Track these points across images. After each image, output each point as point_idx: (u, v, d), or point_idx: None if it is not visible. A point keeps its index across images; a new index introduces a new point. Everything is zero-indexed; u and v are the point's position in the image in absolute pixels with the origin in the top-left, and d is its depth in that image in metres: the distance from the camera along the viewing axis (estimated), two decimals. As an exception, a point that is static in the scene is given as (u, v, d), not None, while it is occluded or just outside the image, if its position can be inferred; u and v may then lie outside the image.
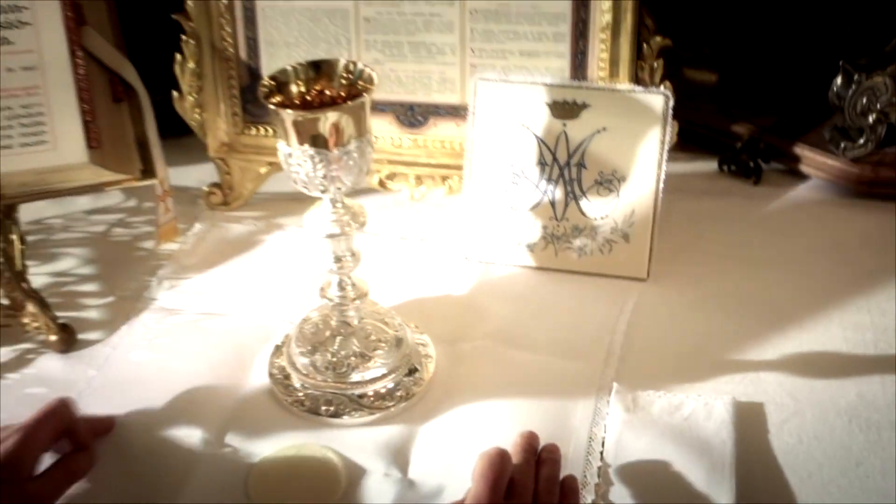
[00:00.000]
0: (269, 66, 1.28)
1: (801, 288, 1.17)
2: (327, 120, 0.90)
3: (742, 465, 0.93)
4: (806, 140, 1.33)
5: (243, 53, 1.29)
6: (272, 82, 0.95)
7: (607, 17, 1.18)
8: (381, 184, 1.32)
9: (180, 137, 1.37)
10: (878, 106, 1.24)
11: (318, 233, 1.00)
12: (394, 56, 1.25)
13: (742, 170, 1.36)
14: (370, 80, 0.94)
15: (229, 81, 1.31)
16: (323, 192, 0.96)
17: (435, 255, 1.26)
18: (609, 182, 1.18)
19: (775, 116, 1.37)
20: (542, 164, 1.19)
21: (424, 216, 1.33)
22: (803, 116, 1.36)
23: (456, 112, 1.26)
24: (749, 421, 0.99)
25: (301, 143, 0.92)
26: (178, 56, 1.29)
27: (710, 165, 1.40)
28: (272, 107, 0.91)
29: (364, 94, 0.93)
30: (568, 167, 1.19)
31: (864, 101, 1.24)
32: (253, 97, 1.31)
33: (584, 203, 1.20)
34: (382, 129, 1.29)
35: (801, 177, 1.36)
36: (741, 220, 1.30)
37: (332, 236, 1.00)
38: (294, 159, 0.94)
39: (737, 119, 1.39)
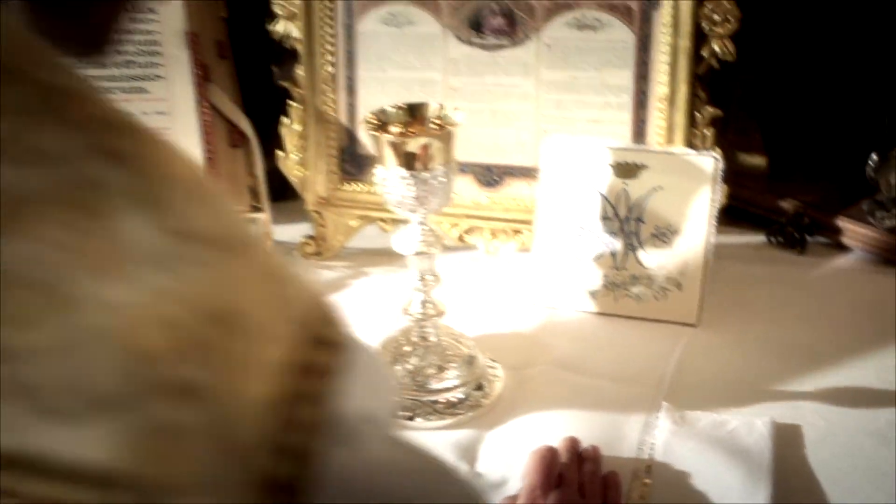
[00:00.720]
0: (365, 128, 1.45)
1: (839, 337, 1.28)
2: (419, 144, 1.06)
3: (779, 473, 1.03)
4: (846, 213, 1.46)
5: (343, 117, 1.47)
6: (374, 117, 1.11)
7: (664, 90, 1.34)
8: (461, 238, 1.47)
9: (276, 202, 1.54)
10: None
11: (405, 251, 1.15)
12: (476, 122, 1.41)
13: (788, 241, 1.49)
14: (455, 121, 1.10)
15: (329, 142, 1.48)
16: (412, 212, 1.11)
17: (506, 301, 1.39)
18: (664, 235, 1.32)
19: (819, 193, 1.51)
20: (604, 218, 1.34)
21: (498, 267, 1.47)
22: (845, 192, 1.49)
23: (528, 172, 1.42)
24: (787, 439, 1.10)
25: (397, 165, 1.08)
26: (285, 119, 1.47)
27: (759, 238, 1.53)
28: (374, 133, 1.08)
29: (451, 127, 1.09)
30: (628, 221, 1.33)
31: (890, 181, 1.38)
32: (350, 156, 1.48)
33: (641, 254, 1.33)
34: (463, 187, 1.45)
35: (843, 248, 1.48)
36: (786, 283, 1.42)
37: (418, 254, 1.14)
38: (390, 181, 1.09)
39: (783, 196, 1.52)
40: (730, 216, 1.49)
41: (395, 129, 1.11)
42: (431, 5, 1.41)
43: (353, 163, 1.48)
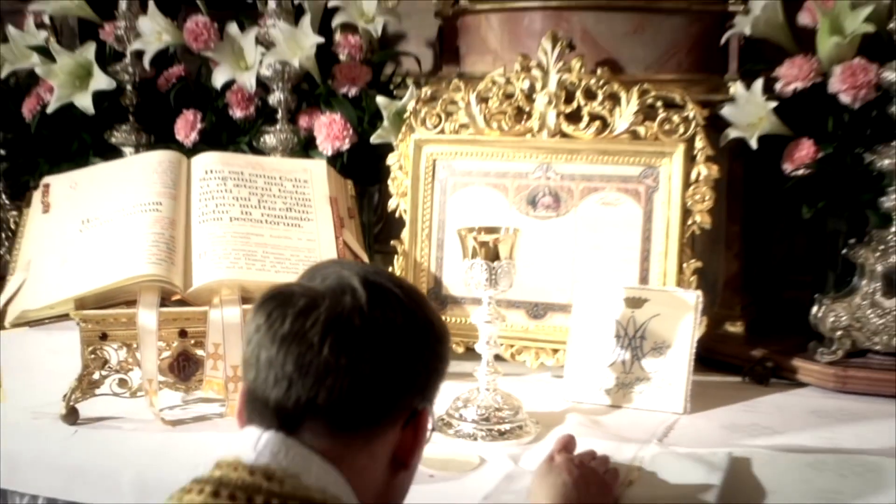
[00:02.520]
0: (449, 272, 2.04)
1: (784, 423, 1.77)
2: (493, 239, 1.64)
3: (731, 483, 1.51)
4: (799, 356, 1.97)
5: (433, 266, 2.06)
6: (464, 228, 1.70)
7: (662, 248, 1.92)
8: (512, 356, 2.00)
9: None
10: (842, 324, 1.90)
11: (478, 321, 1.70)
12: (527, 271, 1.98)
13: (756, 378, 1.99)
14: (516, 233, 1.69)
15: (420, 283, 2.05)
16: (485, 290, 1.67)
17: (544, 397, 1.90)
18: (660, 348, 1.84)
19: (787, 343, 2.03)
20: (617, 336, 1.87)
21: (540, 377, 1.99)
22: (800, 341, 2.01)
23: (565, 308, 1.97)
24: (740, 467, 1.57)
25: (476, 256, 1.65)
26: (393, 265, 2.06)
27: (735, 379, 2.03)
28: (463, 233, 1.66)
29: (514, 233, 1.67)
30: (634, 338, 1.86)
31: (832, 320, 1.91)
32: (435, 295, 2.05)
33: (643, 361, 1.85)
34: (515, 318, 2.00)
35: (801, 384, 1.97)
36: (749, 401, 1.90)
37: (487, 322, 1.69)
38: (472, 269, 1.66)
39: (755, 346, 2.04)
40: (715, 366, 2.02)
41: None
42: (502, 186, 2.03)
43: (437, 300, 2.04)
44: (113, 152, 2.38)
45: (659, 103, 1.96)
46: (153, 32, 2.28)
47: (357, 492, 1.01)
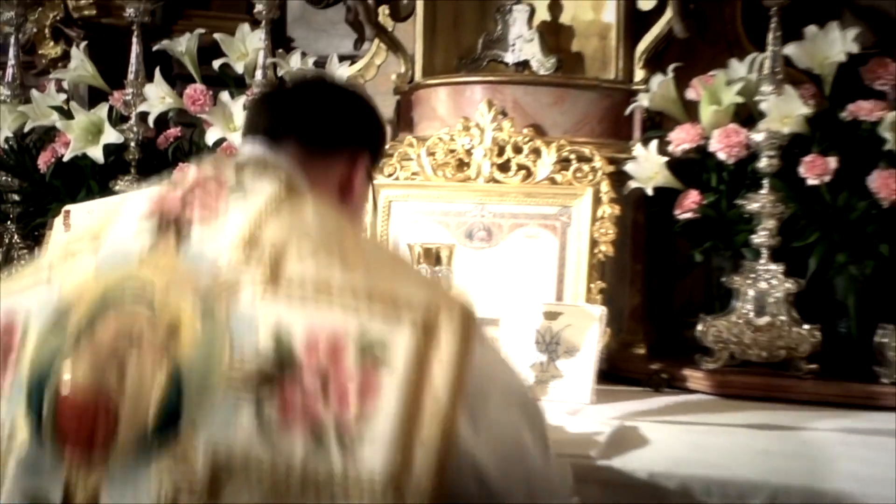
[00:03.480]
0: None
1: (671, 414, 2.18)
2: (436, 247, 2.07)
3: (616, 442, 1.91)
4: (688, 367, 2.39)
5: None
6: (411, 242, 2.12)
7: (574, 274, 2.35)
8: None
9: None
10: (722, 338, 2.33)
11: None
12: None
13: (654, 385, 2.39)
14: (453, 245, 2.12)
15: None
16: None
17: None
18: (572, 352, 2.26)
19: (677, 360, 2.44)
20: (537, 342, 2.28)
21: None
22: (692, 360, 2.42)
23: (495, 321, 2.37)
24: (632, 435, 1.97)
25: (421, 262, 2.07)
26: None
27: (638, 388, 2.43)
28: (412, 244, 2.08)
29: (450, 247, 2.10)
30: (551, 344, 2.27)
31: (713, 335, 2.33)
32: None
33: (557, 363, 2.26)
34: (455, 331, 2.41)
35: (691, 391, 2.38)
36: (646, 399, 2.31)
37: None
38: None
39: (653, 361, 2.46)
40: (621, 380, 2.42)
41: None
42: (445, 223, 2.47)
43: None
44: (116, 200, 2.79)
45: (573, 156, 2.42)
46: (157, 97, 2.72)
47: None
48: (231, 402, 1.14)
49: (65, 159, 2.76)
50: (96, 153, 2.72)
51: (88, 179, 2.83)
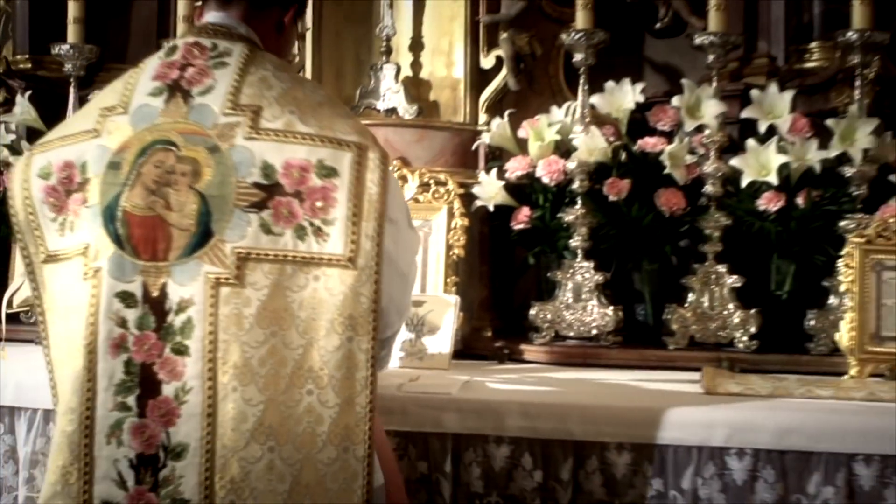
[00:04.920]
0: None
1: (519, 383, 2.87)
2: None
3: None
4: (524, 343, 3.08)
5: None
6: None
7: (434, 269, 3.03)
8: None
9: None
10: (548, 318, 3.04)
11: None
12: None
13: (498, 359, 3.07)
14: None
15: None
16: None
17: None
18: (434, 331, 2.92)
19: (517, 339, 3.14)
20: (408, 324, 2.94)
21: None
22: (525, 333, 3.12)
23: (373, 311, 3.03)
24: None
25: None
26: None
27: (486, 363, 3.12)
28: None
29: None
30: (417, 325, 2.94)
31: (541, 317, 3.04)
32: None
33: (423, 339, 2.92)
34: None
35: (527, 361, 3.07)
36: (492, 369, 2.99)
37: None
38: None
39: (497, 340, 3.15)
40: (473, 357, 3.09)
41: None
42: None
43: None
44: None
45: (432, 181, 3.11)
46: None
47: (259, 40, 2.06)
48: (241, 216, 1.86)
49: (15, 188, 3.31)
50: (40, 183, 3.29)
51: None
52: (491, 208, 3.16)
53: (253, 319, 1.84)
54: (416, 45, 3.49)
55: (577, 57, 3.08)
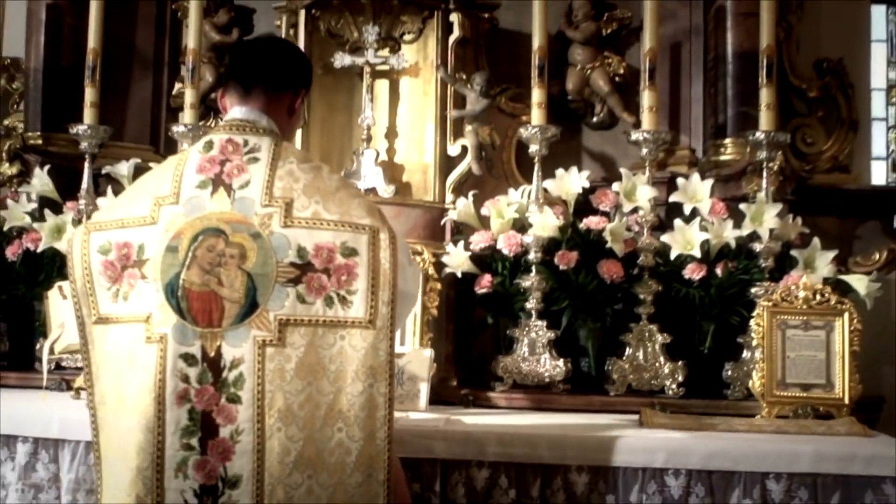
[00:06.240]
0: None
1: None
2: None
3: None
4: (487, 390, 3.59)
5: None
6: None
7: (411, 328, 3.53)
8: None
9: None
10: (508, 368, 3.55)
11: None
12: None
13: (463, 404, 3.56)
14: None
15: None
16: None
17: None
18: (413, 379, 3.42)
19: (479, 385, 3.64)
20: (389, 373, 3.43)
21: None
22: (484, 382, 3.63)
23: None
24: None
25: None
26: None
27: (454, 407, 3.60)
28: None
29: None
30: (398, 374, 3.43)
31: (501, 367, 3.56)
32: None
33: (403, 386, 3.41)
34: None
35: (489, 406, 3.56)
36: (462, 412, 3.48)
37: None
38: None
39: (462, 388, 3.64)
40: (442, 402, 3.58)
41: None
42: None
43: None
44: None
45: (410, 251, 3.62)
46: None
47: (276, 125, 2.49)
48: (281, 290, 2.30)
49: (39, 249, 3.73)
50: (62, 246, 3.70)
51: (45, 266, 3.80)
52: (459, 275, 3.67)
53: (293, 372, 2.29)
54: (392, 134, 4.07)
55: (533, 148, 3.66)
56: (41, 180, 3.88)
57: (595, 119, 4.28)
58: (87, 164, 3.85)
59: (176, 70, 4.50)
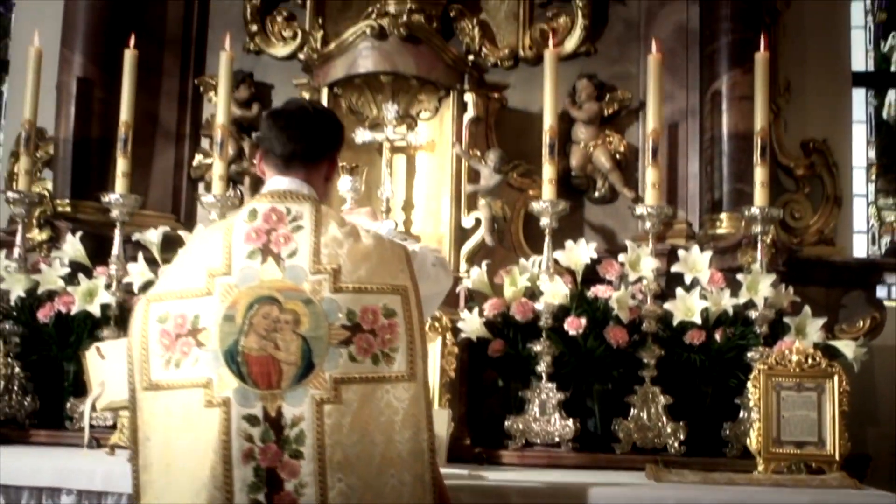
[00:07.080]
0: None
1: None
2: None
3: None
4: (500, 449, 3.79)
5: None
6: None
7: (433, 391, 3.74)
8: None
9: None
10: (520, 428, 3.76)
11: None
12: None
13: (478, 462, 3.76)
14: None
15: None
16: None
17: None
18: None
19: (490, 443, 3.84)
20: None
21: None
22: (494, 441, 3.82)
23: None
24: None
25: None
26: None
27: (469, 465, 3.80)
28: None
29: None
30: (418, 432, 3.63)
31: (514, 427, 3.76)
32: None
33: (423, 443, 3.60)
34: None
35: (502, 464, 3.76)
36: (479, 469, 3.67)
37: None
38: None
39: (476, 447, 3.84)
40: (457, 460, 3.76)
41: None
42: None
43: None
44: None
45: (429, 317, 3.84)
46: (138, 272, 3.95)
47: (315, 190, 2.68)
48: (334, 351, 2.48)
49: (73, 312, 3.92)
50: (95, 309, 3.90)
51: (75, 328, 3.98)
52: (474, 338, 3.89)
53: (349, 426, 2.46)
54: (409, 206, 4.32)
55: (543, 221, 3.92)
56: (73, 246, 4.09)
57: (597, 194, 4.55)
58: (117, 232, 4.07)
59: (196, 142, 4.77)
